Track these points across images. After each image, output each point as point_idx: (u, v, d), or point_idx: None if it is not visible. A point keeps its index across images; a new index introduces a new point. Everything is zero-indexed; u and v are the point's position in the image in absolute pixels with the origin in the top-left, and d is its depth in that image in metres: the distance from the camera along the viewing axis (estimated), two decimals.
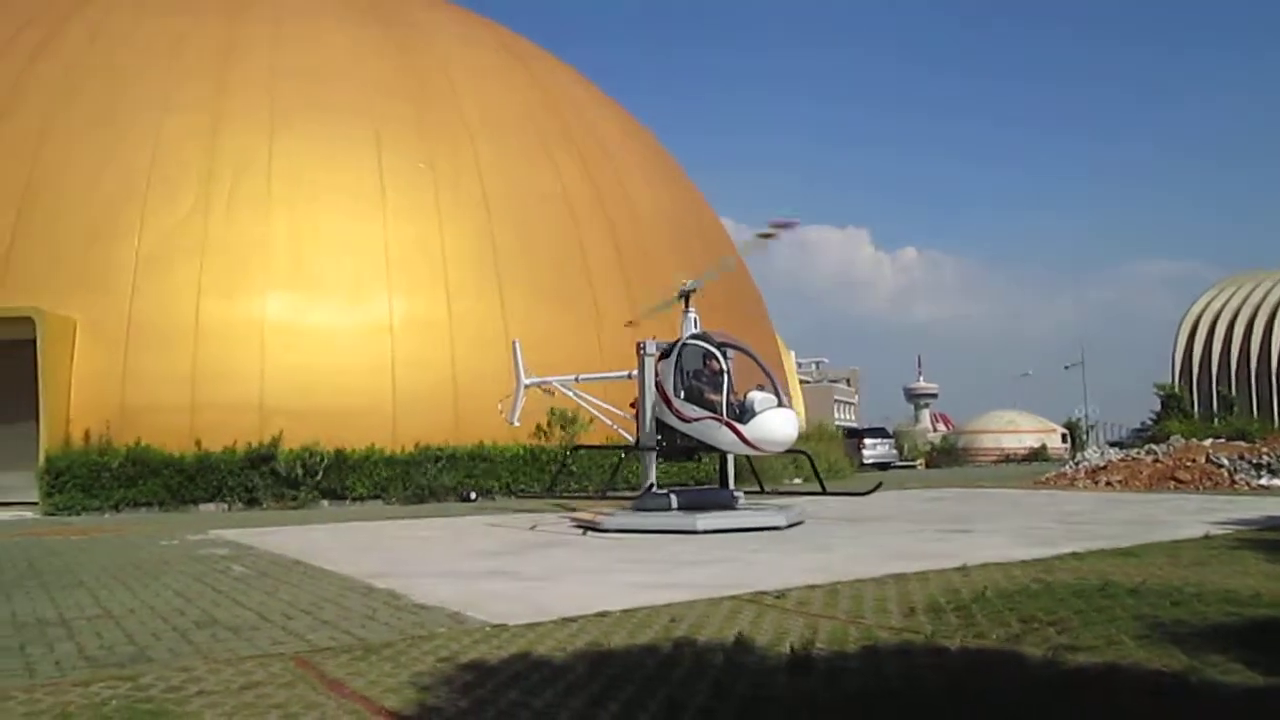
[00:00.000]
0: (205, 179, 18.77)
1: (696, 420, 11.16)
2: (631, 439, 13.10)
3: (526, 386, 15.44)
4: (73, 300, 17.40)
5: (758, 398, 11.03)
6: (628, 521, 11.10)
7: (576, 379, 14.78)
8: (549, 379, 15.37)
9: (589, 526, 11.29)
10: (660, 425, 11.64)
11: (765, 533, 10.45)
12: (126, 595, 6.65)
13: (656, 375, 11.68)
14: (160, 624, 5.49)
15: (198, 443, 16.98)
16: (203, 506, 16.82)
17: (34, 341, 16.49)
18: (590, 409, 14.99)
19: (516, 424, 15.68)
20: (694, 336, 11.79)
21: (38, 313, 16.63)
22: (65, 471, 16.25)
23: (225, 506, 16.94)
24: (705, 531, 10.40)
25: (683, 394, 11.33)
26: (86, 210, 18.25)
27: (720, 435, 11.03)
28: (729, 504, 11.77)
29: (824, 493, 13.08)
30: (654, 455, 11.93)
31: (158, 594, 6.69)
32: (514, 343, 16.05)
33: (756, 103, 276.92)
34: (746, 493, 13.35)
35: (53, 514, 15.92)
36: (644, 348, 11.86)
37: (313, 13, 22.62)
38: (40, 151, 18.74)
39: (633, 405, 12.58)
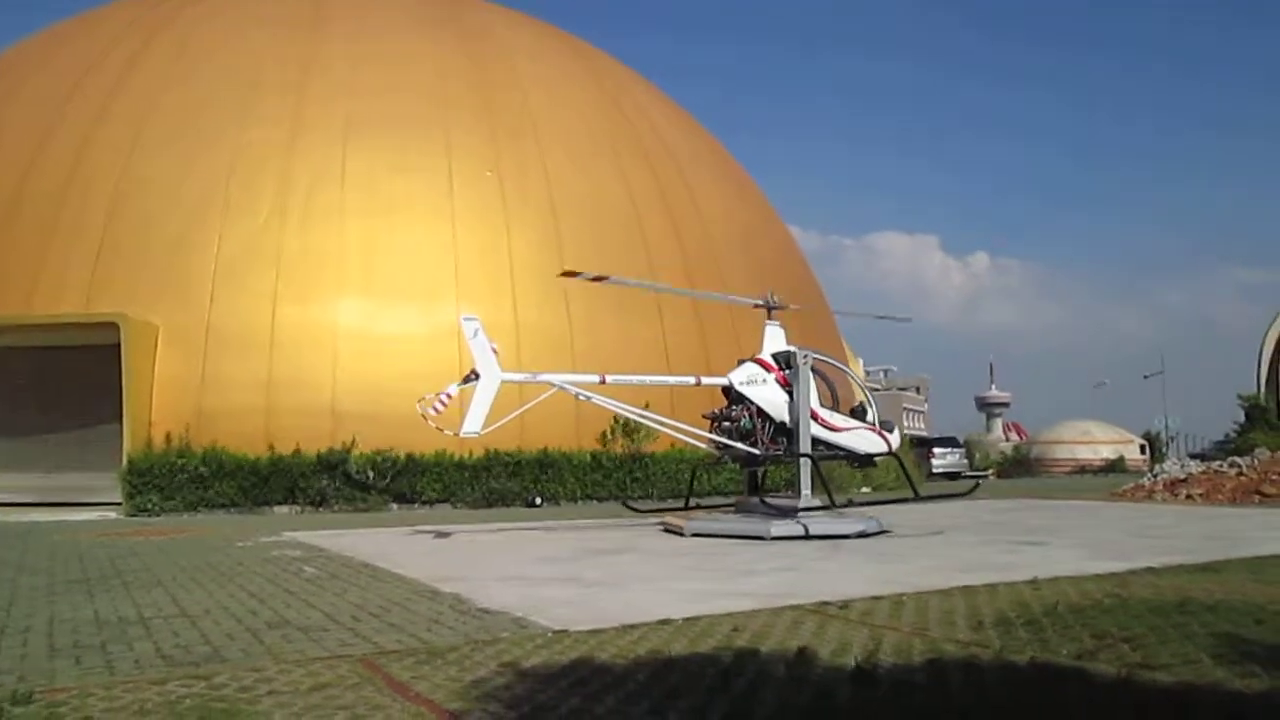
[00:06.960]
0: (282, 189, 19.26)
1: (848, 430, 11.94)
2: (704, 447, 13.16)
3: (503, 383, 11.48)
4: (155, 306, 17.98)
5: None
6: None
7: (603, 379, 12.11)
8: (546, 375, 12.20)
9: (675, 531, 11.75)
10: (787, 434, 11.79)
11: (831, 541, 10.36)
12: (203, 595, 6.83)
13: (786, 385, 11.86)
14: (234, 624, 5.63)
15: (270, 446, 17.39)
16: (276, 508, 17.22)
17: (119, 346, 17.06)
18: (633, 417, 13.31)
19: (479, 432, 11.43)
20: (810, 351, 12.13)
21: (122, 318, 17.20)
22: (146, 473, 16.79)
23: (298, 509, 17.31)
24: (695, 535, 11.07)
25: (825, 405, 12.00)
26: (169, 219, 18.86)
27: (870, 444, 12.02)
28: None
29: (916, 498, 13.11)
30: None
31: (232, 595, 6.86)
32: (471, 325, 11.62)
33: (817, 106, 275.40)
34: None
35: (134, 515, 16.43)
36: (797, 357, 11.79)
37: (389, 27, 23.08)
38: (128, 163, 19.40)
39: (705, 416, 12.52)
